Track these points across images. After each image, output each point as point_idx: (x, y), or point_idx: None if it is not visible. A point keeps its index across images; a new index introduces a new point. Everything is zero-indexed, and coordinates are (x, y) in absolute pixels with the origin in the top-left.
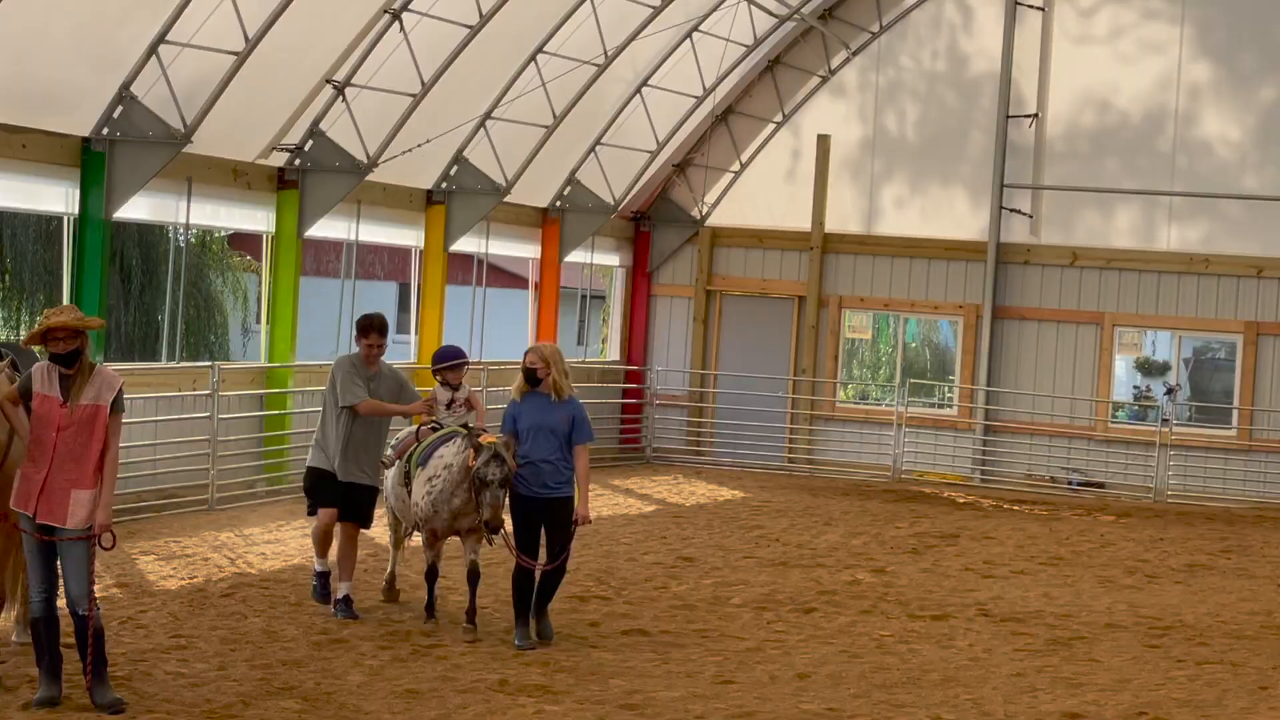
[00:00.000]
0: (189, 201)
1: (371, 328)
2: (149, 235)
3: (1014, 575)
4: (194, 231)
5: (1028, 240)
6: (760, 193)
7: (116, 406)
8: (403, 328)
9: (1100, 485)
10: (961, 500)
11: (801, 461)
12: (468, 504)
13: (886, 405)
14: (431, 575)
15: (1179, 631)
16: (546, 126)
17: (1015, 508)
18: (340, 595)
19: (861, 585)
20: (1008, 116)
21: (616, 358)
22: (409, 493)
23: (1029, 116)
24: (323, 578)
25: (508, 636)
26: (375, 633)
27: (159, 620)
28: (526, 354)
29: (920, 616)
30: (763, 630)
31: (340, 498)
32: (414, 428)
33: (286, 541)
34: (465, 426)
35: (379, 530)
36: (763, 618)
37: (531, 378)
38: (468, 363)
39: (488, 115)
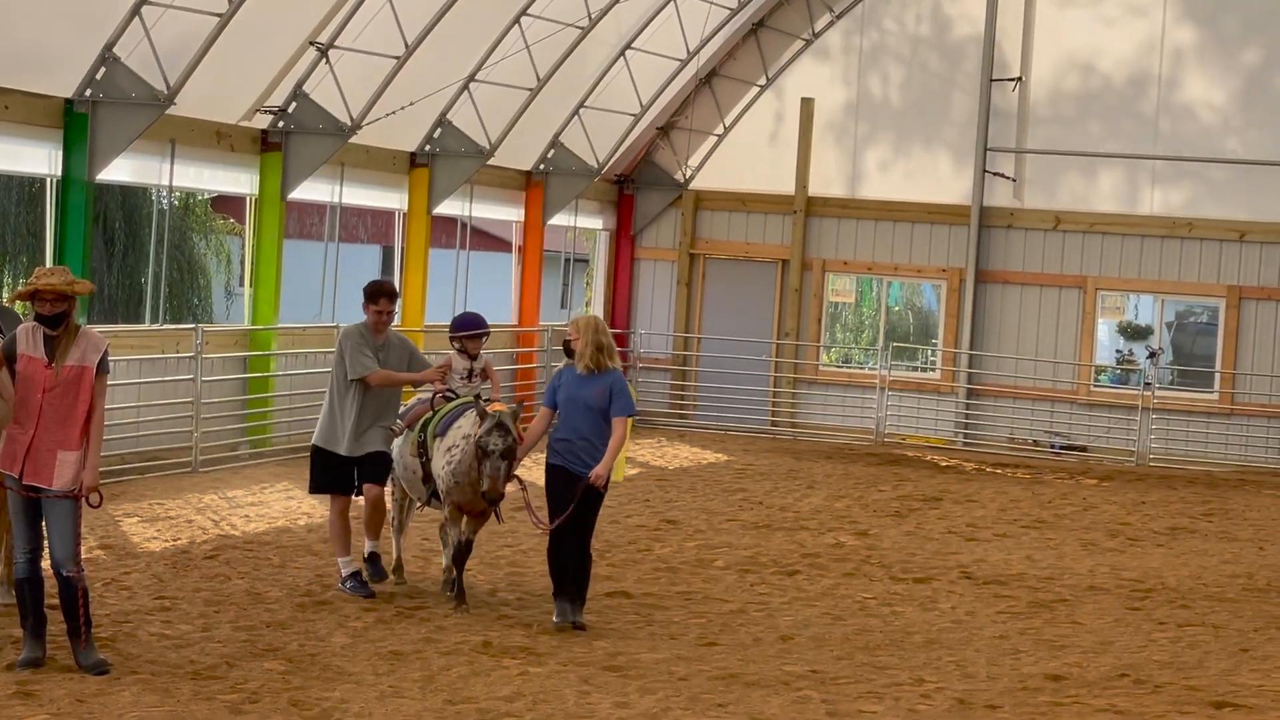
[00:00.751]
0: (172, 163)
1: (381, 293)
2: (132, 197)
3: (996, 538)
4: (177, 194)
5: (1011, 204)
6: (744, 156)
7: (102, 368)
8: None
9: (1083, 449)
10: (944, 463)
11: (785, 425)
12: None
13: (870, 369)
14: (460, 554)
15: (1161, 594)
16: (530, 89)
17: (998, 471)
18: (366, 552)
19: (845, 548)
20: (991, 80)
21: None
22: (422, 464)
23: (1012, 80)
24: (354, 576)
25: (491, 599)
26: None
27: (143, 582)
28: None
29: (903, 579)
30: (746, 593)
31: (349, 477)
32: (427, 395)
33: (270, 504)
34: (479, 397)
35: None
36: (746, 580)
37: (567, 350)
38: (488, 332)
39: (471, 78)
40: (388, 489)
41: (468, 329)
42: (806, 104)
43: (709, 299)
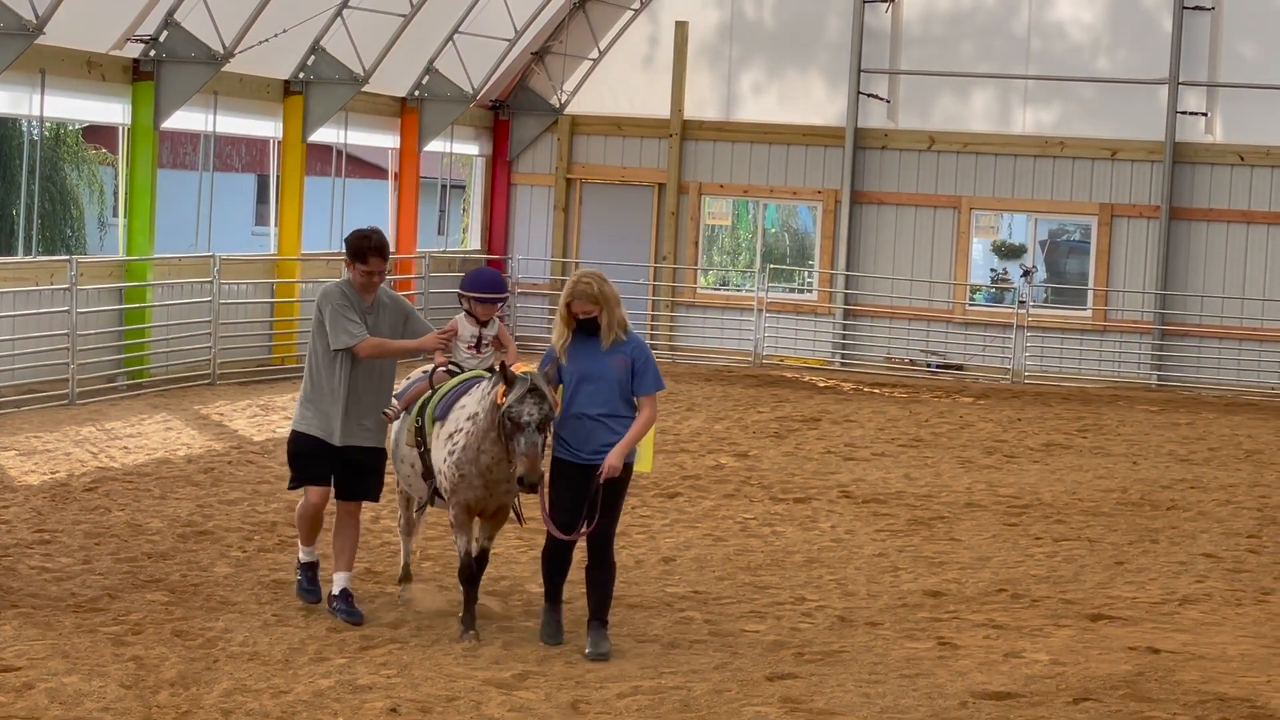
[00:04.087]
0: (42, 94)
1: (369, 249)
2: (1, 128)
3: (875, 457)
4: (48, 124)
5: (885, 125)
6: (619, 80)
7: None
8: (262, 220)
9: (959, 367)
10: (822, 384)
11: (663, 347)
12: (500, 462)
13: (747, 291)
14: (467, 572)
15: (1037, 510)
16: (404, 15)
17: (875, 391)
18: (336, 590)
19: (725, 469)
20: (864, 1)
21: (477, 247)
22: (422, 455)
23: (886, 1)
24: (310, 569)
25: (374, 525)
26: (241, 524)
27: (21, 515)
28: (571, 299)
29: (783, 499)
30: (627, 515)
31: (336, 470)
32: (426, 369)
33: (149, 435)
34: (492, 370)
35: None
36: (627, 503)
37: (588, 327)
38: (506, 298)
39: (345, 4)
40: (389, 478)
41: (481, 290)
42: (681, 27)
43: (586, 223)
